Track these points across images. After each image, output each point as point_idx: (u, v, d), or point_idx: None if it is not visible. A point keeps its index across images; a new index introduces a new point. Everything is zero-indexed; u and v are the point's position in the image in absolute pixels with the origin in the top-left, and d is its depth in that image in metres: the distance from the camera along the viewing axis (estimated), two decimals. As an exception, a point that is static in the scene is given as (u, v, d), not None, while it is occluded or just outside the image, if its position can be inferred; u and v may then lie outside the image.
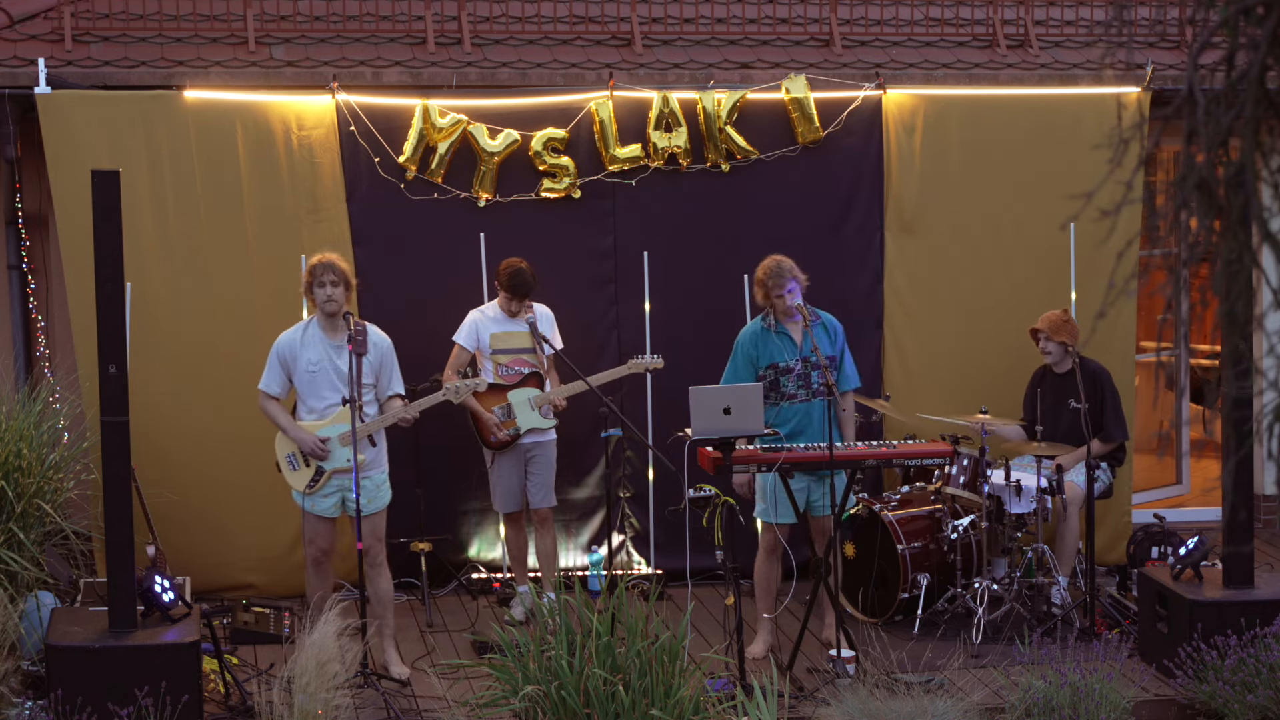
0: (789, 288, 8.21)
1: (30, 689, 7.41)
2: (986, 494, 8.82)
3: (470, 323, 8.88)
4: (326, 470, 7.92)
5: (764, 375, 8.27)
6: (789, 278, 8.22)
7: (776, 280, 8.23)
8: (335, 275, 7.88)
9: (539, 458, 8.92)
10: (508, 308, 8.81)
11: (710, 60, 9.75)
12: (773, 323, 8.33)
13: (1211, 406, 12.44)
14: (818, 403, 8.23)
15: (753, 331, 8.37)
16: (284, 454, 8.02)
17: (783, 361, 8.29)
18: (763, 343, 8.31)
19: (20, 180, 9.33)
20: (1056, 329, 9.06)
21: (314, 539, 8.04)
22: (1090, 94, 9.81)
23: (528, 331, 8.79)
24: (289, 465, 8.01)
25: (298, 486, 8.01)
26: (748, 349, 8.33)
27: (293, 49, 9.43)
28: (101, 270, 7.18)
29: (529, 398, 8.80)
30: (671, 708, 6.42)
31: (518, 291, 8.71)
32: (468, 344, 8.83)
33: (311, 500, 7.98)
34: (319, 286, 7.88)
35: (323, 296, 7.88)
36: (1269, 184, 3.49)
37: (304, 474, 7.98)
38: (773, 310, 8.32)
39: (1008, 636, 8.35)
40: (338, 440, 7.89)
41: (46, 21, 9.25)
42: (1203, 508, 10.89)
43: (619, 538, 9.64)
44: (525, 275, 8.70)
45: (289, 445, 7.98)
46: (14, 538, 7.83)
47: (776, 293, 8.23)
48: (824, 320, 8.40)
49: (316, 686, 6.88)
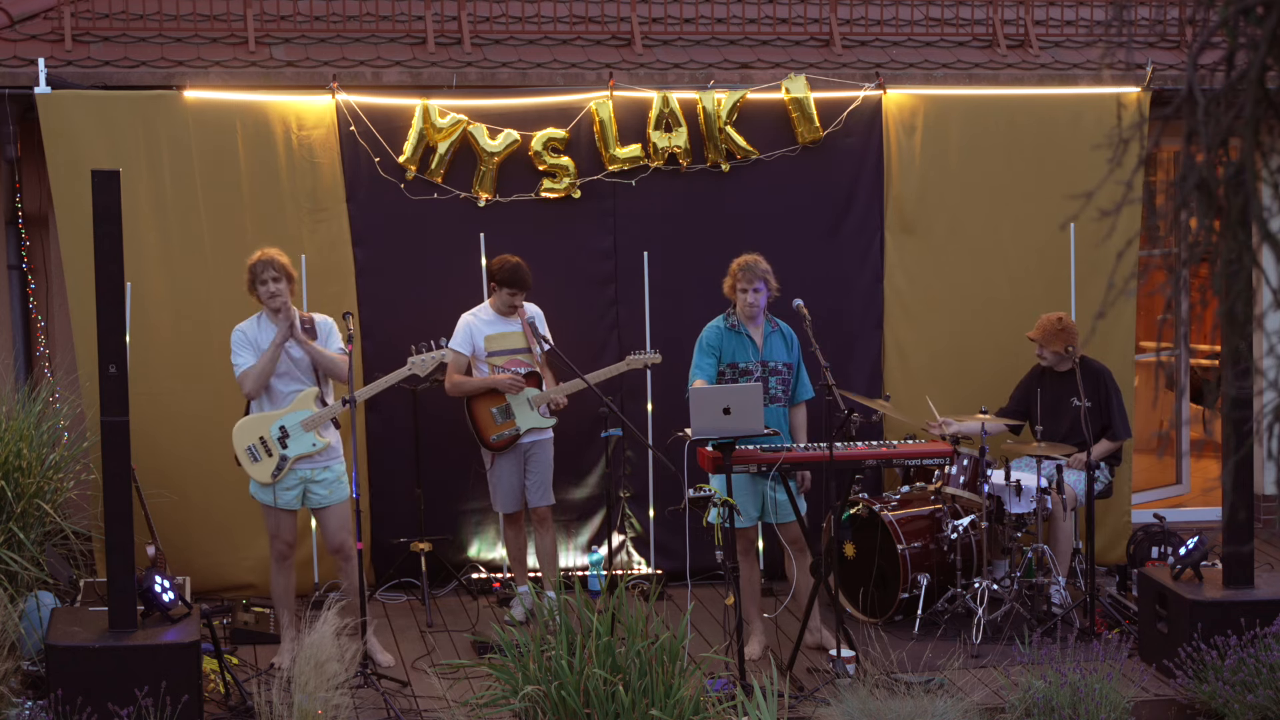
0: (756, 285, 8.24)
1: (30, 689, 7.41)
2: (986, 494, 8.82)
3: (464, 327, 8.86)
4: (290, 459, 7.90)
5: (722, 373, 8.28)
6: (759, 278, 8.26)
7: (746, 275, 8.26)
8: (275, 271, 7.89)
9: (537, 456, 8.92)
10: (501, 307, 8.80)
11: (710, 60, 9.75)
12: (735, 322, 8.34)
13: (1211, 406, 12.43)
14: (774, 408, 8.25)
15: (716, 327, 8.37)
16: (244, 446, 7.96)
17: (742, 362, 8.30)
18: (725, 340, 8.32)
19: (20, 180, 9.33)
20: (1050, 338, 9.05)
21: (279, 533, 8.02)
22: (1090, 94, 9.82)
23: (520, 331, 8.79)
24: (250, 457, 7.95)
25: (261, 478, 7.94)
26: (712, 342, 8.32)
27: (293, 49, 9.43)
28: (101, 270, 7.18)
29: (528, 397, 8.80)
30: (671, 708, 6.43)
31: (515, 285, 8.70)
32: (463, 349, 8.82)
33: (273, 493, 7.94)
34: (260, 284, 7.90)
35: (265, 294, 7.89)
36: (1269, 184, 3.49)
37: (266, 465, 7.93)
38: (734, 306, 8.32)
39: (1008, 636, 8.35)
40: (299, 426, 7.89)
41: (46, 21, 9.25)
42: (1203, 508, 10.89)
43: (619, 538, 9.64)
44: (521, 270, 8.70)
45: (248, 436, 7.94)
46: (14, 538, 7.83)
47: (742, 286, 8.27)
48: (782, 329, 8.43)
49: (316, 686, 6.88)
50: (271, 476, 7.93)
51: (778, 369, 8.30)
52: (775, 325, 8.43)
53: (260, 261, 7.92)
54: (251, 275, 7.94)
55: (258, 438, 7.94)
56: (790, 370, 8.39)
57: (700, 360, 8.31)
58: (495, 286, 8.79)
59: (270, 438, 7.92)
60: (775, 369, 8.30)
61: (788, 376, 8.38)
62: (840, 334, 9.52)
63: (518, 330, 8.81)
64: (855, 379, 9.55)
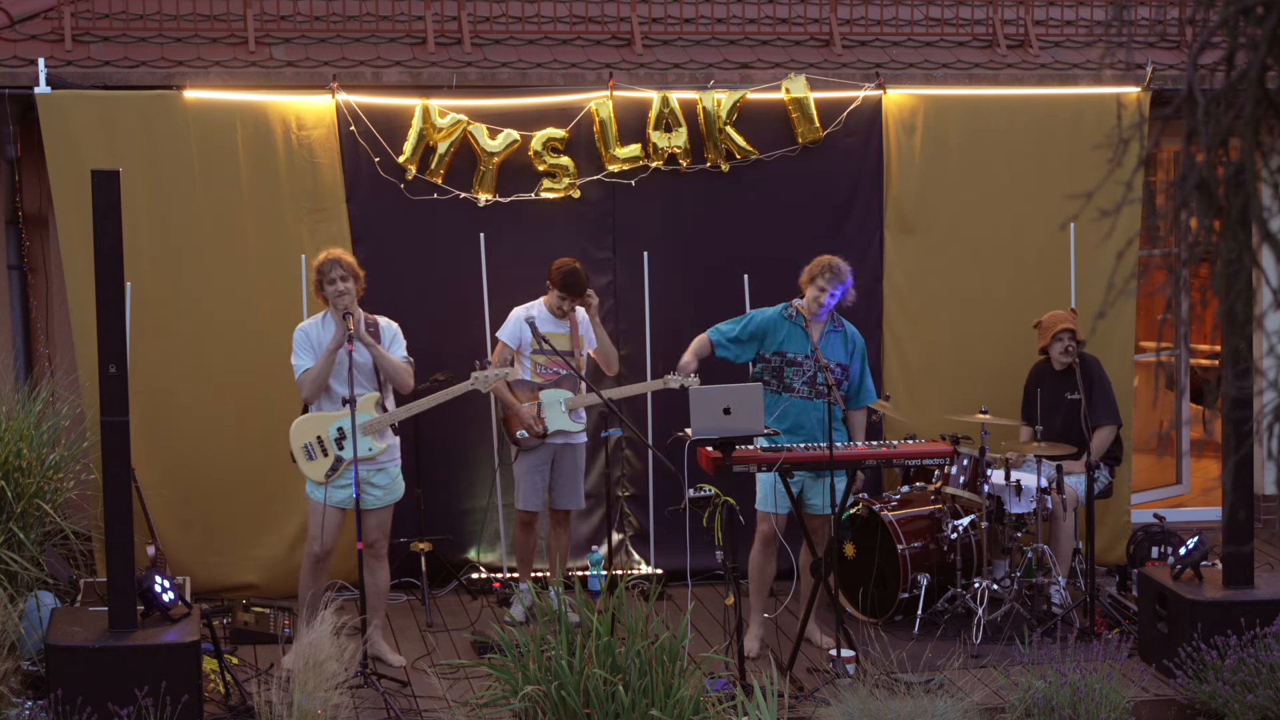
0: (835, 290, 8.22)
1: (30, 689, 7.41)
2: (986, 494, 8.82)
3: (515, 320, 8.81)
4: (345, 459, 7.88)
5: (769, 359, 8.27)
6: (841, 280, 8.24)
7: (828, 276, 8.23)
8: (343, 270, 7.89)
9: (567, 459, 8.86)
10: (557, 308, 8.79)
11: (710, 60, 9.75)
12: (794, 314, 8.33)
13: (1211, 406, 12.42)
14: (819, 403, 8.23)
15: (772, 315, 8.37)
16: (300, 443, 7.91)
17: (791, 353, 8.29)
18: (778, 328, 8.31)
19: (20, 180, 9.33)
20: (1062, 319, 9.10)
21: (322, 535, 7.91)
22: (1090, 94, 9.81)
23: (568, 334, 8.76)
24: (305, 455, 7.91)
25: (315, 477, 7.90)
26: (761, 324, 8.32)
27: (293, 49, 9.43)
28: (101, 270, 7.18)
29: (561, 399, 8.77)
30: (671, 708, 6.43)
31: (566, 290, 8.67)
32: (511, 341, 8.79)
33: (328, 491, 7.91)
34: (329, 283, 7.88)
35: (333, 293, 7.86)
36: (1269, 184, 3.49)
37: (322, 463, 7.89)
38: (804, 299, 8.30)
39: (1008, 636, 8.35)
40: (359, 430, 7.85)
41: (46, 21, 9.25)
42: (1203, 508, 10.88)
43: (619, 537, 9.64)
44: (576, 274, 8.67)
45: (306, 434, 7.91)
46: (14, 538, 7.83)
47: (821, 284, 8.23)
48: (846, 331, 8.42)
49: (315, 685, 6.87)
50: (325, 476, 7.88)
51: (830, 367, 8.25)
52: (840, 325, 8.42)
53: (328, 261, 7.90)
54: (319, 275, 7.91)
55: (315, 436, 7.90)
56: (844, 371, 8.37)
57: (730, 324, 8.35)
58: (550, 286, 8.76)
59: (328, 438, 7.89)
60: (826, 365, 8.25)
61: (841, 376, 8.34)
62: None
63: (567, 333, 8.79)
64: (855, 379, 9.55)
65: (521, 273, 9.13)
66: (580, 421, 8.86)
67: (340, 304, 7.88)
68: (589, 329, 8.86)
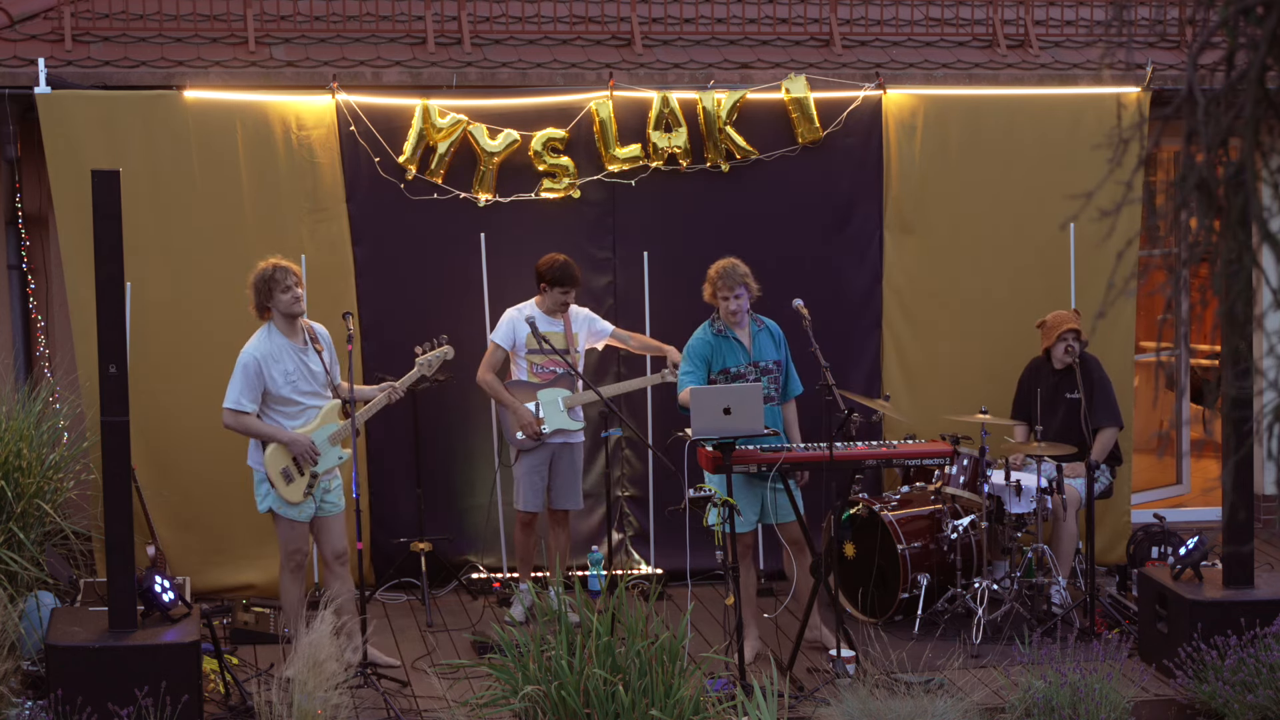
0: (737, 292, 8.17)
1: (30, 689, 7.41)
2: (986, 494, 8.82)
3: (508, 321, 8.81)
4: (319, 474, 7.85)
5: (715, 380, 8.23)
6: (740, 283, 8.18)
7: (726, 282, 8.18)
8: (296, 276, 7.77)
9: (566, 459, 8.86)
10: (552, 307, 8.76)
11: (710, 60, 9.75)
12: (721, 327, 8.29)
13: (1211, 406, 12.43)
14: (769, 408, 8.21)
15: (703, 337, 8.28)
16: (278, 469, 7.76)
17: (734, 367, 8.25)
18: (715, 349, 8.25)
19: (20, 180, 9.33)
20: (1066, 320, 9.10)
21: (299, 545, 7.85)
22: (1090, 94, 9.81)
23: (562, 333, 8.76)
24: (284, 480, 7.76)
25: (293, 499, 7.77)
26: (702, 352, 8.23)
27: (293, 49, 9.43)
28: (101, 270, 7.18)
29: (560, 398, 8.77)
30: (671, 708, 6.43)
31: (565, 283, 8.65)
32: (504, 343, 8.79)
33: (299, 508, 7.83)
34: (283, 291, 7.69)
35: (290, 299, 7.70)
36: (1269, 184, 3.49)
37: (300, 484, 7.79)
38: (718, 312, 8.29)
39: (1008, 636, 8.35)
40: (327, 441, 7.84)
41: (46, 21, 9.25)
42: (1203, 508, 10.88)
43: (618, 537, 9.64)
44: (570, 266, 8.67)
45: (283, 459, 7.75)
46: (14, 538, 7.83)
47: (723, 294, 8.20)
48: (769, 327, 8.39)
49: (315, 685, 6.87)
50: (303, 495, 7.81)
51: (769, 368, 8.27)
52: (761, 324, 8.38)
53: (280, 268, 7.71)
54: (269, 285, 7.68)
55: (291, 459, 7.76)
56: (780, 368, 8.37)
57: (688, 368, 8.24)
58: (546, 287, 8.73)
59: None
60: (767, 368, 8.26)
61: (778, 375, 8.36)
62: (839, 334, 9.51)
63: (560, 331, 8.79)
64: (854, 379, 9.55)
65: (522, 273, 9.12)
66: (579, 420, 8.86)
67: (295, 311, 7.74)
68: (583, 326, 8.85)
